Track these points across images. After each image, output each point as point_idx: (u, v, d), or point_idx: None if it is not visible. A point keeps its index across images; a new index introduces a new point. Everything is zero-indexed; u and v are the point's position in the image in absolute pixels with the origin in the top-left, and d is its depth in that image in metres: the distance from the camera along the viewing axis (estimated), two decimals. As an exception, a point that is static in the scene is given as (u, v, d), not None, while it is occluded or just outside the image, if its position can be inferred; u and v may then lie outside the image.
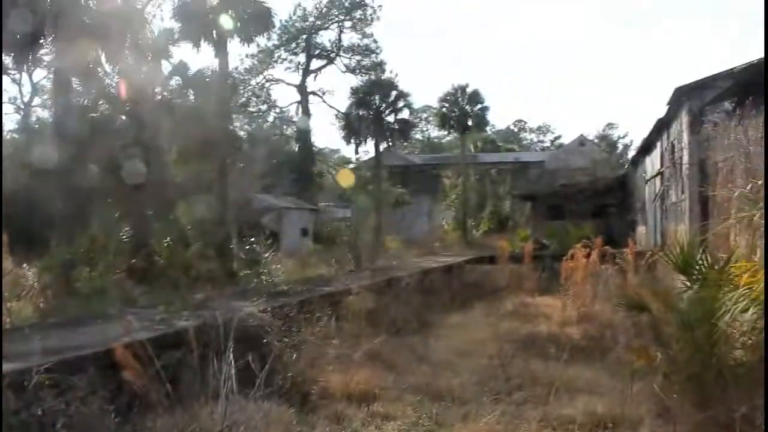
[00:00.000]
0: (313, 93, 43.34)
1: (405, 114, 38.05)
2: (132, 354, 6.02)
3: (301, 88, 42.84)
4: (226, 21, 21.45)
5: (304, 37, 41.81)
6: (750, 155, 11.25)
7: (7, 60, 19.42)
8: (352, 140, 38.24)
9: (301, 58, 42.85)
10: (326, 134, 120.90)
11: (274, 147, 42.58)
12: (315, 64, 43.39)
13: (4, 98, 40.16)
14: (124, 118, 21.07)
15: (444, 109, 46.75)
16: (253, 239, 30.92)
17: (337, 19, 42.21)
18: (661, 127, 20.16)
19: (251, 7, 21.38)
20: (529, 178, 56.06)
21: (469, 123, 47.22)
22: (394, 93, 37.70)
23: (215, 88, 24.11)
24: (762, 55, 9.90)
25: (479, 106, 46.91)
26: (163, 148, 22.41)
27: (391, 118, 37.39)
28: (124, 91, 21.21)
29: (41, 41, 17.85)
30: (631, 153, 68.77)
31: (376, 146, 37.83)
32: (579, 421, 6.38)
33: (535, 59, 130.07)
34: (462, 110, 46.70)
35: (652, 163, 23.92)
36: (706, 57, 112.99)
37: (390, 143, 38.88)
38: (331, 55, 43.27)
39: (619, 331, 11.59)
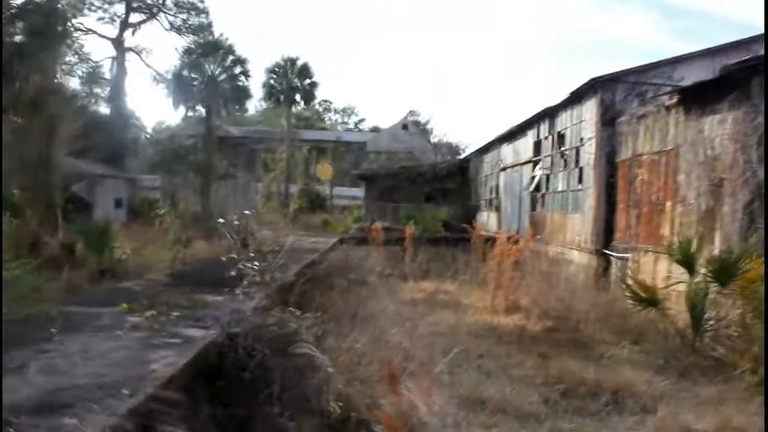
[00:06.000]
0: (132, 50, 38.63)
1: (242, 80, 35.42)
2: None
3: (118, 43, 37.95)
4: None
5: (124, -16, 37.07)
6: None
7: None
8: (182, 105, 34.82)
9: (118, 8, 37.94)
10: (137, 96, 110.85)
11: (82, 106, 37.41)
12: (135, 18, 38.69)
13: None
14: None
15: (272, 81, 44.63)
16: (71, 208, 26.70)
17: (163, -32, 37.91)
18: (543, 116, 20.30)
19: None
20: (358, 158, 55.69)
21: (297, 97, 45.64)
22: (230, 58, 34.90)
23: (41, 25, 20.04)
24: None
25: (308, 80, 45.49)
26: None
27: (227, 84, 34.55)
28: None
29: None
30: (434, 139, 71.38)
31: (208, 112, 34.73)
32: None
33: (339, 41, 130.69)
34: (290, 83, 44.95)
35: (516, 151, 24.25)
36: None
37: (227, 110, 36.00)
38: (153, 9, 38.84)
39: (582, 322, 11.12)
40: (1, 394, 4.01)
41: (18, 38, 19.46)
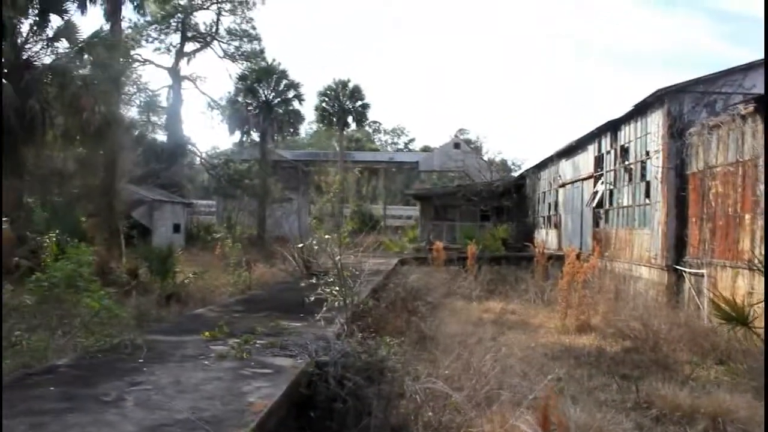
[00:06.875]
0: (187, 78, 39.48)
1: (295, 104, 35.82)
2: None
3: (173, 72, 38.83)
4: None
5: (180, 16, 37.92)
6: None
7: None
8: (238, 130, 35.38)
9: (173, 39, 38.87)
10: (191, 123, 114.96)
11: (140, 134, 38.39)
12: (189, 47, 39.60)
13: None
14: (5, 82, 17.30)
15: (324, 104, 45.02)
16: (133, 234, 27.17)
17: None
18: (605, 130, 19.85)
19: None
20: (409, 178, 55.60)
21: (350, 119, 45.90)
22: (284, 82, 35.34)
23: (105, 58, 20.52)
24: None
25: (360, 102, 45.73)
26: (49, 123, 18.77)
27: (281, 109, 34.97)
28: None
29: None
30: (486, 156, 70.52)
31: (262, 137, 35.18)
32: None
33: (382, 61, 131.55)
34: (342, 105, 45.25)
35: (576, 166, 23.79)
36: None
37: (282, 135, 36.43)
38: (207, 38, 39.67)
39: (662, 342, 10.68)
40: (0, 400, 4.03)
41: (84, 71, 20.04)
